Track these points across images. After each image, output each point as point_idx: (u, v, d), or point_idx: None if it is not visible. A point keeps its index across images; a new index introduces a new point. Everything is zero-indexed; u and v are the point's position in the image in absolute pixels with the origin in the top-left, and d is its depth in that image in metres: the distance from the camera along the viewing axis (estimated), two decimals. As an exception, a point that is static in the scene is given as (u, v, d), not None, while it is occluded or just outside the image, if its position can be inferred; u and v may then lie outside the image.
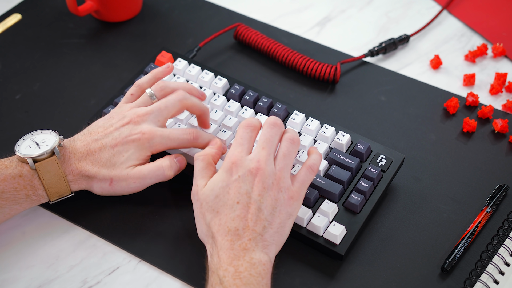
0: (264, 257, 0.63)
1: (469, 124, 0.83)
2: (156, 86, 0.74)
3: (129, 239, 0.73)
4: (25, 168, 0.69)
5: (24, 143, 0.70)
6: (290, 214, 0.65)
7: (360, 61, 0.93)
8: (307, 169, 0.68)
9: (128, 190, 0.71)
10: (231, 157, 0.66)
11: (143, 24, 0.98)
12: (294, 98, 0.87)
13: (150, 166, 0.71)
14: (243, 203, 0.64)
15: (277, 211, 0.64)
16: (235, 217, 0.63)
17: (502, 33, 0.96)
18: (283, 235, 0.65)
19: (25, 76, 0.90)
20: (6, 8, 1.00)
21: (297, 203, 0.66)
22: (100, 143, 0.70)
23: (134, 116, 0.71)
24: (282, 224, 0.65)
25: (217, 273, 0.62)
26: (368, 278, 0.69)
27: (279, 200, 0.65)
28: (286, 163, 0.67)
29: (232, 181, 0.65)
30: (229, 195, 0.64)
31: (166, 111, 0.72)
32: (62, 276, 0.70)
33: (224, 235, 0.63)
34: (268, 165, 0.65)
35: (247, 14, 0.99)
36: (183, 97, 0.73)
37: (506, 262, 0.69)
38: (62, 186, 0.70)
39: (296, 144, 0.68)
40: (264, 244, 0.63)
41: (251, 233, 0.63)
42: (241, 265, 0.61)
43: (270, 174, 0.65)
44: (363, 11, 1.01)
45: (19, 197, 0.69)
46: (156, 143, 0.71)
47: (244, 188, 0.64)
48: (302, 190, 0.67)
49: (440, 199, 0.76)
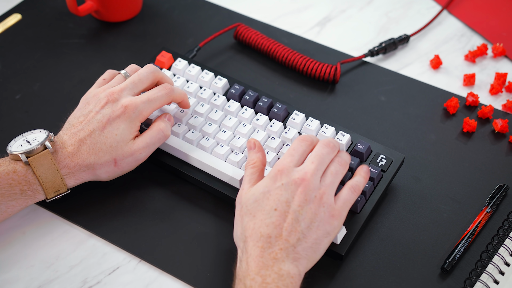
0: (294, 269, 0.61)
1: (469, 124, 0.83)
2: (129, 67, 0.77)
3: (129, 239, 0.73)
4: (19, 164, 0.69)
5: (15, 144, 0.71)
6: (328, 232, 0.64)
7: (360, 61, 0.93)
8: (349, 189, 0.67)
9: (135, 164, 0.73)
10: (278, 165, 0.66)
11: (143, 24, 0.98)
12: (294, 98, 0.87)
13: (150, 133, 0.73)
14: (281, 211, 0.63)
15: (315, 226, 0.63)
16: (270, 223, 0.62)
17: (502, 33, 0.96)
18: (317, 253, 0.64)
19: (25, 76, 0.90)
20: (6, 8, 1.00)
21: (338, 223, 0.65)
22: (87, 130, 0.71)
23: (110, 95, 0.72)
24: (318, 241, 0.63)
25: (244, 282, 0.61)
26: (368, 278, 0.69)
27: (319, 215, 0.63)
28: (333, 181, 0.66)
29: (274, 187, 0.64)
30: (268, 200, 0.63)
31: (140, 83, 0.74)
32: (62, 276, 0.70)
33: (256, 241, 0.62)
34: (314, 178, 0.64)
35: (247, 14, 0.99)
36: (154, 69, 0.75)
37: (506, 262, 0.70)
38: (57, 179, 0.70)
39: (345, 167, 0.68)
40: (295, 257, 0.62)
41: (284, 243, 0.62)
42: (268, 275, 0.60)
43: (314, 187, 0.64)
44: (363, 11, 1.01)
45: (14, 192, 0.69)
46: (141, 110, 0.72)
47: (285, 196, 0.63)
48: (344, 210, 0.65)
49: (440, 199, 0.76)
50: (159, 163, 0.78)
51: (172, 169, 0.77)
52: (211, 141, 0.76)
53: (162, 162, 0.77)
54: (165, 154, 0.77)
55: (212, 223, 0.74)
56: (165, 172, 0.79)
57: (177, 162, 0.77)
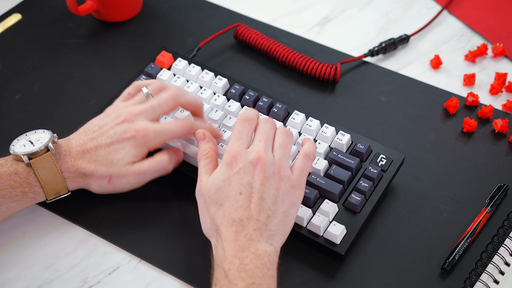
0: (269, 247, 0.63)
1: (469, 124, 0.83)
2: (152, 86, 0.75)
3: (129, 239, 0.73)
4: (21, 165, 0.69)
5: (18, 143, 0.71)
6: (293, 203, 0.66)
7: (360, 61, 0.93)
8: (303, 157, 0.68)
9: (127, 186, 0.72)
10: (230, 151, 0.66)
11: (143, 24, 0.98)
12: (294, 98, 0.87)
13: (150, 161, 0.72)
14: (246, 194, 0.64)
15: (279, 200, 0.65)
16: (239, 207, 0.63)
17: (502, 33, 0.96)
18: (287, 225, 0.65)
19: (25, 76, 0.90)
20: (6, 8, 1.00)
21: (299, 192, 0.66)
22: (96, 141, 0.71)
23: (129, 115, 0.72)
24: (286, 213, 0.65)
25: (222, 267, 0.62)
26: (368, 278, 0.69)
27: (281, 189, 0.65)
28: (284, 153, 0.67)
29: (233, 173, 0.65)
30: (231, 187, 0.64)
31: (159, 109, 0.73)
32: (62, 276, 0.70)
33: (228, 227, 0.63)
34: (267, 155, 0.66)
35: (247, 14, 0.99)
36: (177, 94, 0.74)
37: (506, 262, 0.70)
38: (58, 182, 0.70)
39: (290, 135, 0.69)
40: (269, 234, 0.63)
41: (256, 223, 0.63)
42: (246, 257, 0.61)
43: (270, 163, 0.65)
44: (363, 11, 1.01)
45: (15, 194, 0.69)
46: (151, 139, 0.71)
47: (246, 179, 0.64)
48: (303, 179, 0.67)
49: (440, 199, 0.76)
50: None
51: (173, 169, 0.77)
52: (211, 141, 0.76)
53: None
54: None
55: (212, 223, 0.74)
56: (165, 172, 0.79)
57: (177, 162, 0.77)
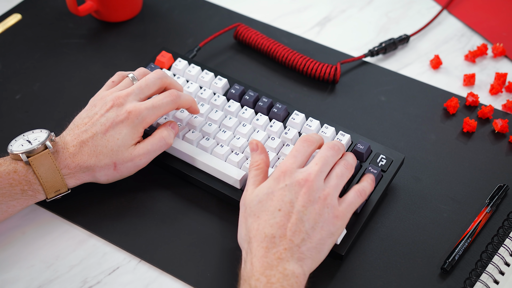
0: (298, 269, 0.61)
1: (469, 124, 0.83)
2: (137, 71, 0.77)
3: (129, 239, 0.73)
4: (19, 164, 0.69)
5: (16, 143, 0.71)
6: (332, 233, 0.64)
7: (360, 61, 0.93)
8: (355, 192, 0.67)
9: (134, 169, 0.73)
10: (282, 167, 0.66)
11: (143, 24, 0.98)
12: (294, 98, 0.87)
13: (151, 139, 0.73)
14: (285, 211, 0.63)
15: (319, 226, 0.63)
16: (274, 223, 0.62)
17: (502, 33, 0.96)
18: (321, 253, 0.64)
19: (25, 76, 0.90)
20: (6, 8, 1.00)
21: (341, 224, 0.65)
22: (91, 132, 0.71)
23: (116, 99, 0.72)
24: (322, 242, 0.63)
25: (248, 282, 0.61)
26: (368, 278, 0.69)
27: (323, 216, 0.64)
28: (338, 183, 0.66)
29: (278, 188, 0.64)
30: (272, 201, 0.64)
31: (146, 89, 0.74)
32: (62, 276, 0.70)
33: (260, 241, 0.62)
34: (317, 179, 0.64)
35: (247, 14, 0.99)
36: (162, 75, 0.75)
37: (506, 262, 0.70)
38: (58, 180, 0.70)
39: (351, 170, 0.68)
40: (299, 257, 0.62)
41: (288, 243, 0.62)
42: (273, 275, 0.60)
43: (318, 188, 0.64)
44: (363, 11, 1.01)
45: (15, 192, 0.69)
46: (145, 117, 0.72)
47: (289, 197, 0.63)
48: (349, 212, 0.66)
49: (440, 199, 0.76)
50: (159, 164, 0.78)
51: (173, 170, 0.77)
52: (211, 141, 0.76)
53: (162, 163, 0.77)
54: (165, 155, 0.77)
55: (212, 223, 0.74)
56: (165, 172, 0.79)
57: (177, 163, 0.77)
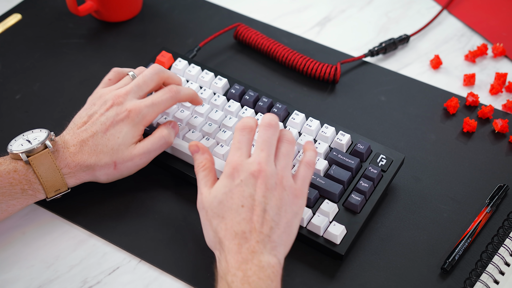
0: (273, 259, 0.62)
1: (469, 124, 0.83)
2: (138, 69, 0.77)
3: (129, 239, 0.73)
4: (19, 163, 0.69)
5: (16, 143, 0.71)
6: (296, 212, 0.65)
7: (360, 61, 0.93)
8: (305, 165, 0.68)
9: (134, 169, 0.73)
10: (231, 162, 0.66)
11: (143, 24, 0.98)
12: (294, 98, 0.87)
13: (152, 138, 0.73)
14: (248, 206, 0.63)
15: (282, 210, 0.64)
16: (241, 220, 0.63)
17: (502, 33, 0.96)
18: (290, 235, 0.65)
19: (25, 76, 0.90)
20: (6, 8, 1.00)
21: (302, 201, 0.66)
22: (91, 131, 0.71)
23: (116, 98, 0.72)
24: (289, 224, 0.64)
25: (225, 279, 0.61)
26: (368, 278, 0.69)
27: (284, 199, 0.64)
28: (287, 162, 0.67)
29: (234, 185, 0.64)
30: (233, 199, 0.64)
31: (144, 86, 0.73)
32: (62, 276, 0.70)
33: (231, 239, 0.62)
34: (269, 166, 0.65)
35: (247, 14, 0.99)
36: (159, 69, 0.75)
37: (506, 262, 0.70)
38: (58, 179, 0.70)
39: (293, 143, 0.68)
40: (272, 246, 0.63)
41: (258, 235, 0.62)
42: (249, 269, 0.61)
43: (272, 174, 0.65)
44: (363, 11, 1.01)
45: (15, 191, 0.69)
46: (145, 115, 0.72)
47: (248, 191, 0.64)
48: (305, 187, 0.67)
49: (440, 199, 0.76)
50: (159, 164, 0.78)
51: (173, 170, 0.77)
52: (211, 141, 0.76)
53: (162, 163, 0.77)
54: (165, 155, 0.77)
55: (212, 223, 0.74)
56: (165, 172, 0.79)
57: (178, 163, 0.77)
